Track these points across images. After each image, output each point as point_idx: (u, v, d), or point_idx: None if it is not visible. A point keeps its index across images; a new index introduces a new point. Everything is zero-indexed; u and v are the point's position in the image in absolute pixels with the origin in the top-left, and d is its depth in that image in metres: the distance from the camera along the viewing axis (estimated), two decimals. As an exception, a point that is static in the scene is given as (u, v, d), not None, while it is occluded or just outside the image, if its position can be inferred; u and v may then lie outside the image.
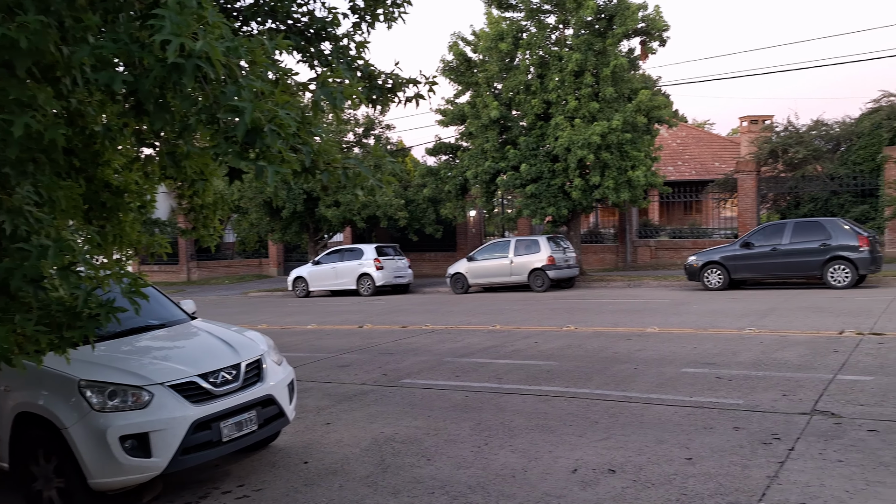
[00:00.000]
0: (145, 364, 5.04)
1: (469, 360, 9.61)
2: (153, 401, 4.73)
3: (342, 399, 7.84)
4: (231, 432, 5.02)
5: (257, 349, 5.62)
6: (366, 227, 27.14)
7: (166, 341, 5.74)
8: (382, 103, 5.44)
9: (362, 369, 9.50)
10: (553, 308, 15.59)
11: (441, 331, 12.91)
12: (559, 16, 21.30)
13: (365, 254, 22.98)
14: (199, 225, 5.33)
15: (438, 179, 23.70)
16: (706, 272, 17.61)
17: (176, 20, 2.49)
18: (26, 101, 3.00)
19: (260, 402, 5.32)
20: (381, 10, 5.53)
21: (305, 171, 3.12)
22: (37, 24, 2.83)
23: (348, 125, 27.24)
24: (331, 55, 5.21)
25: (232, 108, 2.62)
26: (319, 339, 12.85)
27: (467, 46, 22.33)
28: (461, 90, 22.90)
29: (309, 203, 26.07)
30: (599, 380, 7.87)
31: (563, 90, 20.39)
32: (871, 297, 14.07)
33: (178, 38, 2.46)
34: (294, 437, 6.42)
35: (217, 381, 5.09)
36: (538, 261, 20.05)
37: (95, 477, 4.55)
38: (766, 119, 30.36)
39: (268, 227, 27.86)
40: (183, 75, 2.52)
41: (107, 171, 4.91)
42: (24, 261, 3.30)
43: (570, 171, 20.28)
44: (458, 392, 7.78)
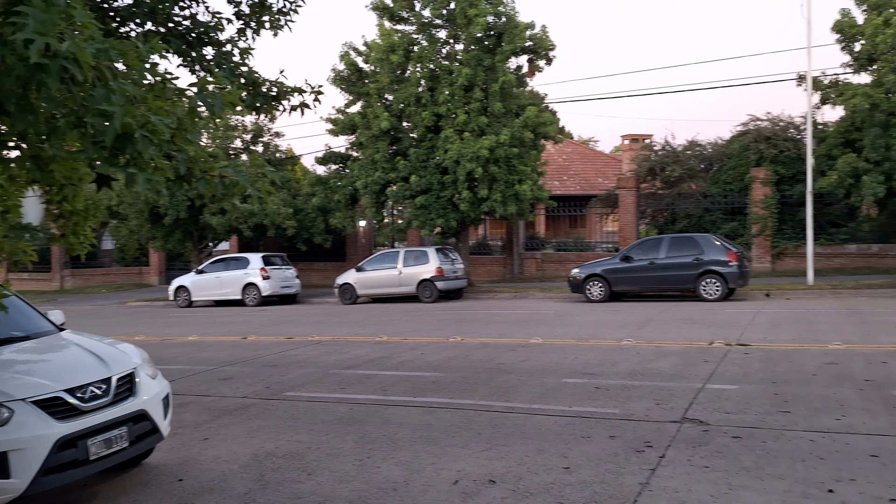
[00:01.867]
0: (6, 379, 4.71)
1: (355, 372, 9.58)
2: (13, 418, 4.42)
3: (222, 413, 7.61)
4: (99, 450, 4.77)
5: (130, 362, 5.38)
6: (253, 235, 26.45)
7: (30, 354, 5.39)
8: (266, 111, 5.37)
9: (245, 382, 9.26)
10: (441, 319, 15.80)
11: (328, 342, 12.79)
12: (450, 31, 21.75)
13: (251, 263, 22.41)
14: (69, 232, 5.05)
15: (328, 189, 23.49)
16: (588, 284, 18.39)
17: (41, 18, 2.38)
18: None
19: (132, 418, 5.08)
20: (266, 17, 5.48)
21: (180, 178, 3.06)
22: None
23: (236, 131, 26.49)
24: (213, 61, 5.10)
25: (100, 112, 2.54)
26: (201, 351, 12.39)
27: (359, 57, 22.35)
28: (352, 100, 22.86)
29: (193, 210, 25.10)
30: (484, 391, 8.05)
31: (453, 104, 20.80)
32: (739, 309, 15.19)
33: (42, 37, 2.36)
34: (169, 454, 6.17)
35: (85, 396, 4.82)
36: (427, 272, 20.27)
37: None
38: (645, 138, 32.26)
39: (149, 234, 26.56)
40: (47, 76, 2.41)
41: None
42: None
43: (460, 183, 20.68)
44: (342, 405, 7.74)
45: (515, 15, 21.37)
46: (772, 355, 9.49)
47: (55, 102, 2.62)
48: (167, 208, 24.63)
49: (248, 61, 5.27)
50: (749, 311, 14.72)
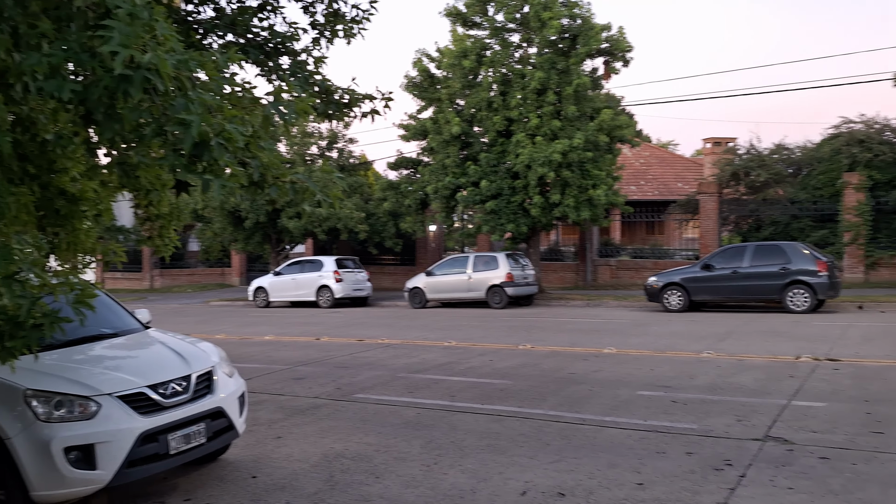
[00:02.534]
0: (95, 374, 4.97)
1: (423, 377, 9.63)
2: (100, 412, 4.66)
3: (295, 412, 7.79)
4: (179, 445, 4.96)
5: (209, 361, 5.58)
6: (327, 238, 27.05)
7: (118, 350, 5.66)
8: (338, 118, 5.48)
9: (317, 382, 9.46)
10: (510, 325, 15.71)
11: (397, 345, 12.92)
12: (523, 34, 21.66)
13: (325, 266, 22.89)
14: (155, 234, 5.30)
15: (399, 193, 23.77)
16: (666, 293, 17.89)
17: (125, 31, 2.51)
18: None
19: (209, 415, 5.27)
20: (340, 26, 5.59)
21: (253, 184, 3.15)
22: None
23: (312, 138, 27.21)
24: (289, 70, 5.25)
25: (180, 120, 2.64)
26: (276, 351, 12.74)
27: (431, 63, 22.54)
28: (424, 106, 23.07)
29: (272, 214, 25.90)
30: (554, 400, 7.94)
31: (525, 108, 20.69)
32: (828, 322, 14.45)
33: (126, 49, 2.48)
34: (244, 451, 6.36)
35: (167, 392, 5.03)
36: (497, 277, 20.20)
37: (38, 489, 4.45)
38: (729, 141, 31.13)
39: (231, 236, 27.58)
40: (131, 86, 2.53)
41: (63, 178, 4.85)
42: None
43: (531, 188, 20.53)
44: (410, 409, 7.79)
45: (591, 17, 21.09)
46: (864, 372, 8.99)
47: (139, 111, 2.75)
48: (248, 212, 25.51)
49: (321, 69, 5.40)
50: (839, 324, 13.99)
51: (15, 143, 3.68)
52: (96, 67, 2.72)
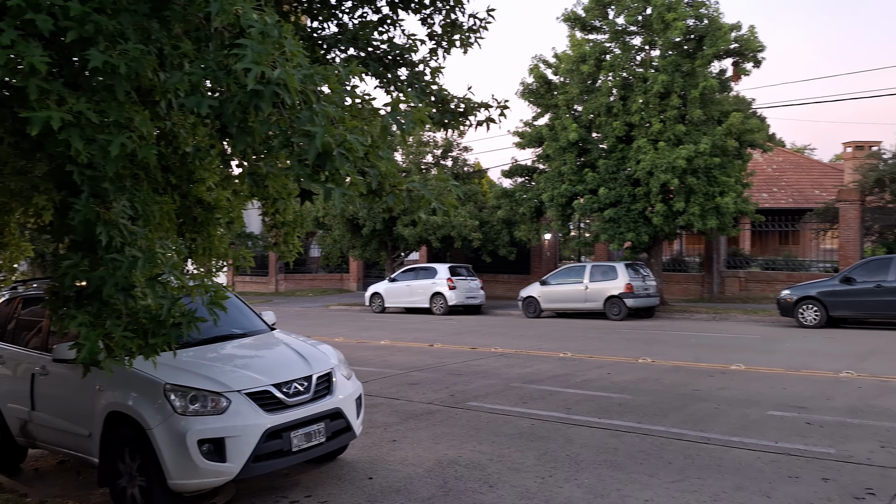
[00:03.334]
0: (226, 371, 5.28)
1: (538, 387, 9.53)
2: (230, 407, 4.94)
3: (409, 417, 7.93)
4: (300, 442, 5.18)
5: (328, 363, 5.79)
6: (441, 246, 27.42)
7: (247, 350, 5.99)
8: (454, 127, 5.55)
9: (431, 388, 9.58)
10: (629, 338, 15.26)
11: (511, 355, 12.86)
12: (645, 37, 21.05)
13: (438, 273, 23.19)
14: (281, 241, 5.58)
15: (513, 201, 23.70)
16: (801, 308, 16.78)
17: (257, 49, 2.66)
18: (123, 122, 3.26)
19: (328, 415, 5.46)
20: (457, 35, 5.67)
21: (372, 193, 3.24)
22: (136, 51, 3.08)
23: (428, 147, 27.73)
24: (407, 80, 5.38)
25: (305, 132, 2.77)
26: (391, 356, 13.04)
27: (548, 69, 22.36)
28: (540, 112, 22.92)
29: (388, 221, 26.59)
30: (676, 417, 7.63)
31: (647, 112, 20.08)
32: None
33: (258, 66, 2.63)
34: (361, 452, 6.54)
35: (290, 391, 5.27)
36: (615, 288, 19.67)
37: (174, 478, 4.78)
38: (872, 145, 28.74)
39: (349, 243, 28.56)
40: (262, 101, 2.68)
41: (200, 188, 5.22)
42: (116, 270, 3.56)
43: (652, 195, 19.88)
44: (524, 419, 7.73)
45: (718, 16, 20.18)
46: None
47: (268, 125, 2.91)
48: (365, 220, 26.33)
49: (438, 80, 5.49)
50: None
51: (159, 156, 4.00)
52: (231, 84, 2.90)
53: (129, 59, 3.06)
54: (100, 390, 5.26)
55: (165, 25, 3.38)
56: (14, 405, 6.26)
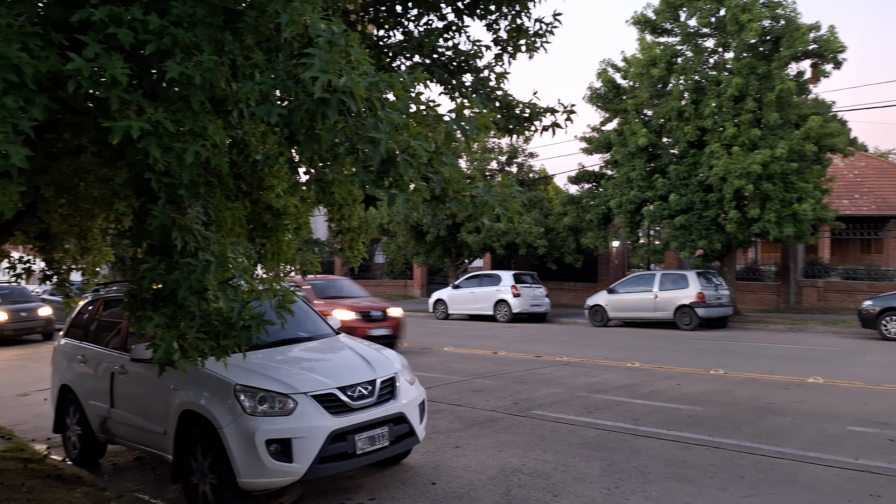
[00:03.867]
0: (293, 374, 5.40)
1: (604, 397, 9.36)
2: (297, 409, 5.05)
3: (472, 424, 7.91)
4: (364, 446, 5.24)
5: (392, 367, 5.84)
6: (505, 253, 27.29)
7: (313, 353, 6.11)
8: (519, 132, 5.52)
9: (494, 396, 9.54)
10: (700, 349, 14.81)
11: (576, 363, 12.68)
12: (719, 39, 20.49)
13: (502, 280, 23.08)
14: (346, 246, 5.67)
15: (580, 208, 23.40)
16: (885, 319, 15.94)
17: (325, 58, 2.72)
18: (198, 131, 3.38)
19: (392, 419, 5.51)
20: (523, 41, 5.65)
21: (435, 199, 3.26)
22: (210, 62, 3.20)
23: (492, 154, 27.70)
24: (471, 86, 5.39)
25: (369, 139, 2.81)
26: (455, 362, 13.05)
27: (616, 73, 22.03)
28: (608, 117, 22.59)
29: (452, 228, 26.70)
30: (749, 431, 7.36)
31: (721, 116, 19.51)
32: None
33: (325, 74, 2.69)
34: (424, 457, 6.56)
35: (354, 395, 5.34)
36: (686, 297, 19.14)
37: (243, 476, 4.91)
38: (959, 149, 27.11)
39: (413, 250, 28.81)
40: (328, 109, 2.74)
41: (269, 195, 5.37)
42: (190, 274, 3.69)
43: (726, 202, 19.27)
44: (590, 429, 7.60)
45: (796, 17, 19.45)
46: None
47: (334, 132, 2.96)
48: (429, 226, 26.50)
49: (503, 85, 5.48)
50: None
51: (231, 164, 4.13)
52: (299, 93, 2.97)
53: (203, 69, 3.18)
54: (174, 389, 5.45)
55: (238, 37, 3.50)
56: (95, 402, 6.56)
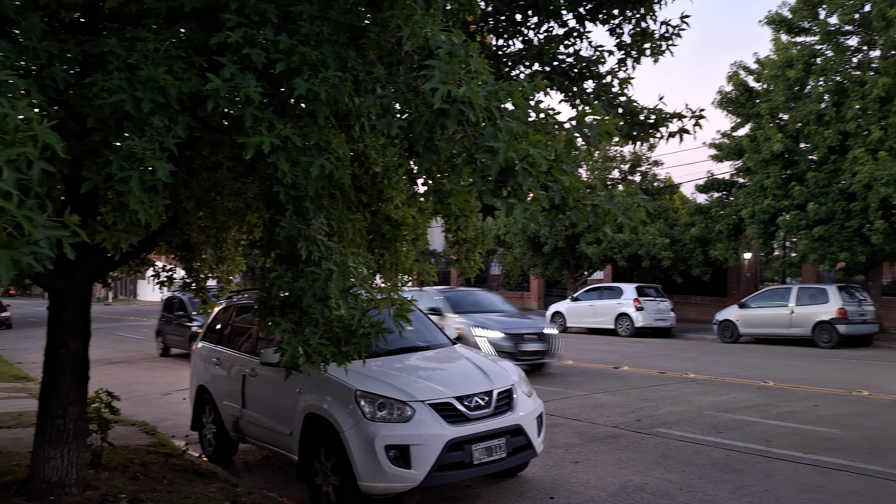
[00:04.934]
0: (410, 382, 5.48)
1: (733, 417, 8.84)
2: (414, 416, 5.11)
3: (592, 439, 7.70)
4: (481, 456, 5.22)
5: (509, 379, 5.79)
6: (626, 265, 26.51)
7: (430, 362, 6.17)
8: (644, 139, 5.34)
9: (615, 412, 9.25)
10: (841, 368, 13.69)
11: (703, 381, 12.07)
12: (863, 37, 19.01)
13: (624, 293, 22.39)
14: (462, 257, 5.70)
15: (709, 218, 22.34)
16: None
17: (444, 69, 2.74)
18: (323, 145, 3.52)
19: (509, 431, 5.45)
20: (648, 44, 5.47)
21: (555, 208, 3.20)
22: (335, 78, 3.32)
23: (614, 162, 27.03)
24: (593, 93, 5.28)
25: (488, 148, 2.80)
26: (573, 376, 12.78)
27: (749, 76, 20.93)
28: (739, 122, 21.48)
29: (570, 239, 26.26)
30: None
31: (865, 119, 18.03)
32: None
33: (444, 85, 2.71)
34: (541, 471, 6.45)
35: (471, 405, 5.34)
36: (825, 313, 17.77)
37: (364, 480, 5.03)
38: None
39: (530, 261, 28.60)
40: (447, 119, 2.76)
41: (388, 206, 5.51)
42: (314, 282, 3.84)
43: (871, 211, 17.76)
44: (718, 449, 7.19)
45: (952, 9, 17.70)
46: None
47: (453, 142, 2.98)
48: (547, 237, 26.19)
49: (626, 91, 5.33)
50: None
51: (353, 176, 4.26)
52: (419, 105, 3.02)
53: (328, 85, 3.31)
54: (299, 393, 5.68)
55: (361, 53, 3.62)
56: (228, 403, 6.96)
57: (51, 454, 5.10)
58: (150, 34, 3.53)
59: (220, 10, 3.49)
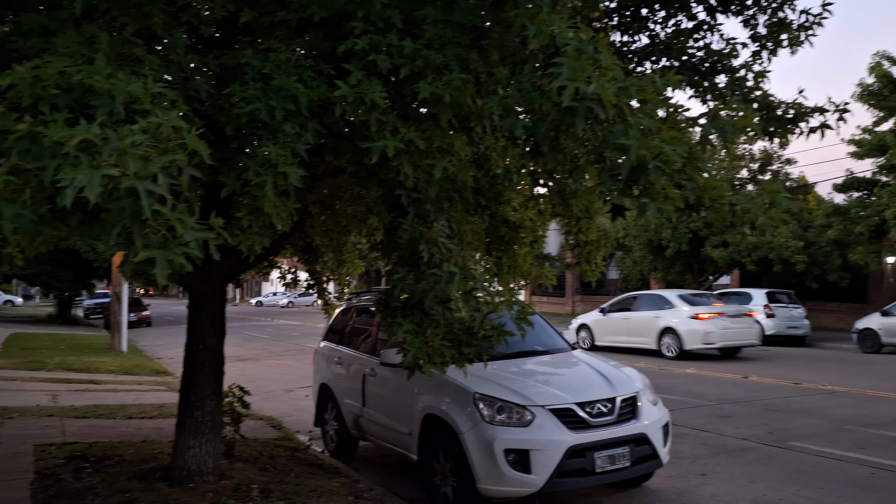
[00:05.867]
0: (529, 386, 5.42)
1: (877, 432, 8.13)
2: (534, 421, 5.04)
3: (720, 451, 7.32)
4: (604, 464, 5.07)
5: (633, 386, 5.60)
6: (756, 270, 25.01)
7: (548, 367, 6.08)
8: (781, 135, 5.01)
9: (744, 423, 8.75)
10: None
11: (842, 393, 11.19)
12: None
13: (754, 299, 21.13)
14: (583, 260, 5.57)
15: (848, 220, 20.72)
16: None
17: (573, 66, 2.67)
18: (446, 147, 3.53)
19: (633, 440, 5.27)
20: (785, 35, 5.13)
21: (689, 207, 3.05)
22: (458, 81, 3.33)
23: (742, 161, 25.64)
24: (725, 88, 5.01)
25: (618, 146, 2.70)
26: (697, 385, 12.22)
27: (893, 66, 19.27)
28: (882, 116, 19.81)
29: (694, 242, 25.10)
30: None
31: None
32: None
33: (573, 82, 2.64)
34: (666, 482, 6.20)
35: (593, 411, 5.21)
36: None
37: (482, 482, 5.01)
38: None
39: (650, 265, 27.62)
40: (575, 117, 2.68)
41: (506, 208, 5.48)
42: (435, 284, 3.86)
43: None
44: (860, 466, 6.63)
45: None
46: None
47: (579, 141, 2.90)
48: (669, 240, 25.19)
49: (762, 85, 5.01)
50: None
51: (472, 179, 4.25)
52: (544, 104, 2.96)
53: (452, 88, 3.31)
54: (418, 393, 5.75)
55: (484, 54, 3.60)
56: (349, 401, 7.16)
57: (190, 444, 5.42)
58: (282, 45, 3.68)
59: (347, 19, 3.58)
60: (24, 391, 10.66)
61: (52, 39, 3.14)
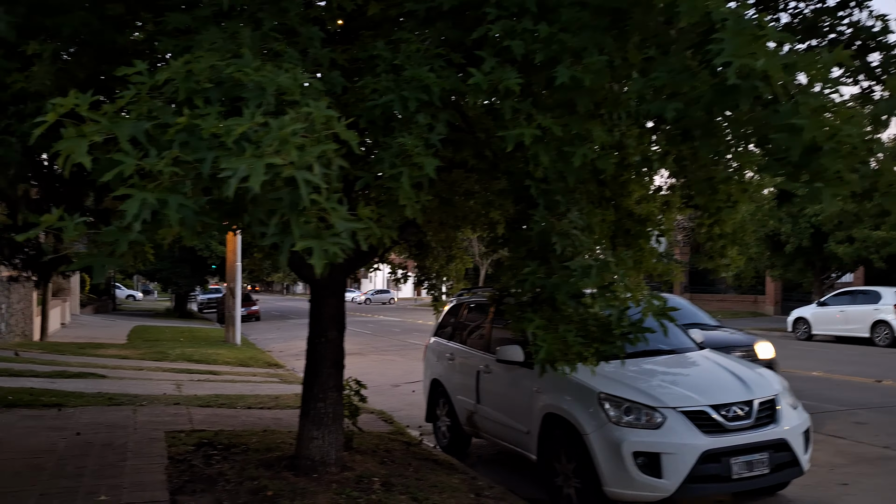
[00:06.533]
0: (655, 386, 5.18)
1: None
2: (665, 423, 4.81)
3: (859, 460, 6.78)
4: (741, 470, 4.78)
5: (771, 388, 5.26)
6: (885, 267, 23.23)
7: (676, 367, 5.79)
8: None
9: (884, 431, 8.08)
10: None
11: None
12: None
13: (883, 297, 19.63)
14: (716, 254, 5.27)
15: None
16: None
17: (735, 42, 2.47)
18: (584, 134, 3.39)
19: (772, 445, 4.94)
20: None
21: (861, 194, 2.77)
22: (599, 64, 3.17)
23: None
24: (879, 67, 4.58)
25: (788, 126, 2.48)
26: (826, 389, 11.42)
27: None
28: None
29: (816, 238, 23.56)
30: None
31: None
32: None
33: (738, 59, 2.44)
34: (803, 490, 5.79)
35: (728, 414, 4.92)
36: None
37: (609, 485, 4.83)
38: None
39: (768, 262, 26.16)
40: (740, 96, 2.48)
41: (629, 201, 5.25)
42: (568, 278, 3.72)
43: None
44: None
45: None
46: None
47: (738, 123, 2.69)
48: (788, 236, 23.77)
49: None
50: None
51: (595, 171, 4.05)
52: (697, 85, 2.77)
53: (592, 72, 3.16)
54: (537, 392, 5.61)
55: (621, 37, 3.43)
56: (462, 397, 7.11)
57: (314, 434, 5.52)
58: (412, 35, 3.65)
59: (478, 6, 3.50)
60: (151, 380, 11.32)
61: (196, 37, 3.23)
